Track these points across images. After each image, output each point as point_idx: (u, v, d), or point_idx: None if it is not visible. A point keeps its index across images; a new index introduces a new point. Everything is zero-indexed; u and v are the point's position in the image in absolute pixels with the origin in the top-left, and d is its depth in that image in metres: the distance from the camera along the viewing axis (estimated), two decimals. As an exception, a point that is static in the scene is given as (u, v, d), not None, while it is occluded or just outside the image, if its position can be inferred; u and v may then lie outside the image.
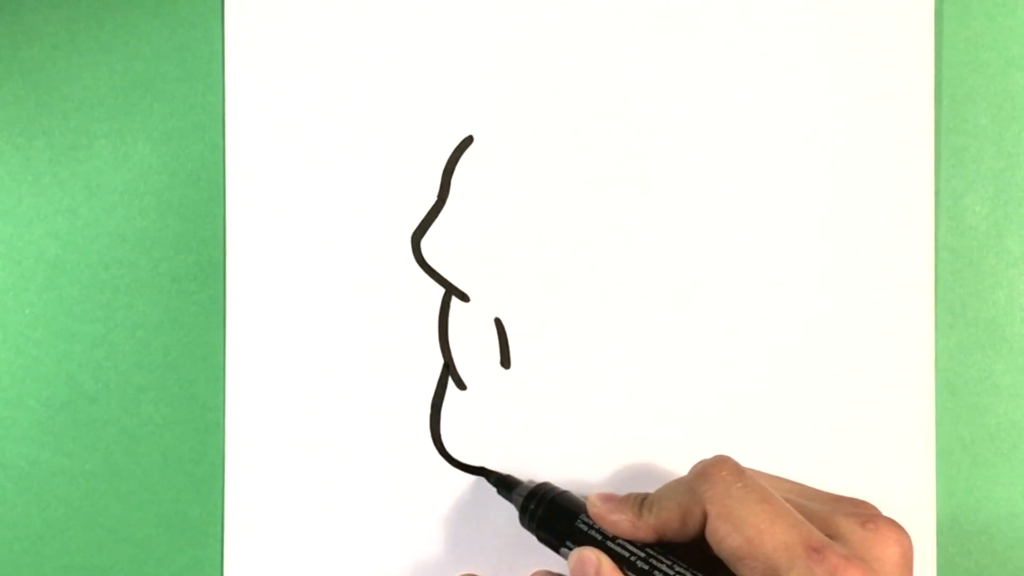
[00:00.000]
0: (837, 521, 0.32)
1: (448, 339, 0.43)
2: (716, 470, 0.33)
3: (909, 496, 0.42)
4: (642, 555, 0.35)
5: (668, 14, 0.43)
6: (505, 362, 0.43)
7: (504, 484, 0.41)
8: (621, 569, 0.35)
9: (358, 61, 0.44)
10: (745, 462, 0.39)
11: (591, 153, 0.43)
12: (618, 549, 0.36)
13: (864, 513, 0.32)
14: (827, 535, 0.31)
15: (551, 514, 0.39)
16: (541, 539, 0.39)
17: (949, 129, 0.43)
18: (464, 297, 0.44)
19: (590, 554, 0.35)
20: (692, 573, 0.33)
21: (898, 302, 0.43)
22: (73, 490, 0.44)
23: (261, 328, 0.43)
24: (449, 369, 0.43)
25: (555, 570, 0.43)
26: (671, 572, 0.34)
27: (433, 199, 0.44)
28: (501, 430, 0.43)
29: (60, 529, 0.44)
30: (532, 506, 0.39)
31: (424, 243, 0.44)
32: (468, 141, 0.44)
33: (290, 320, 0.43)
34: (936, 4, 0.43)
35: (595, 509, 0.36)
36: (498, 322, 0.43)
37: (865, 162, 0.43)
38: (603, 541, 0.36)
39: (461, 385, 0.43)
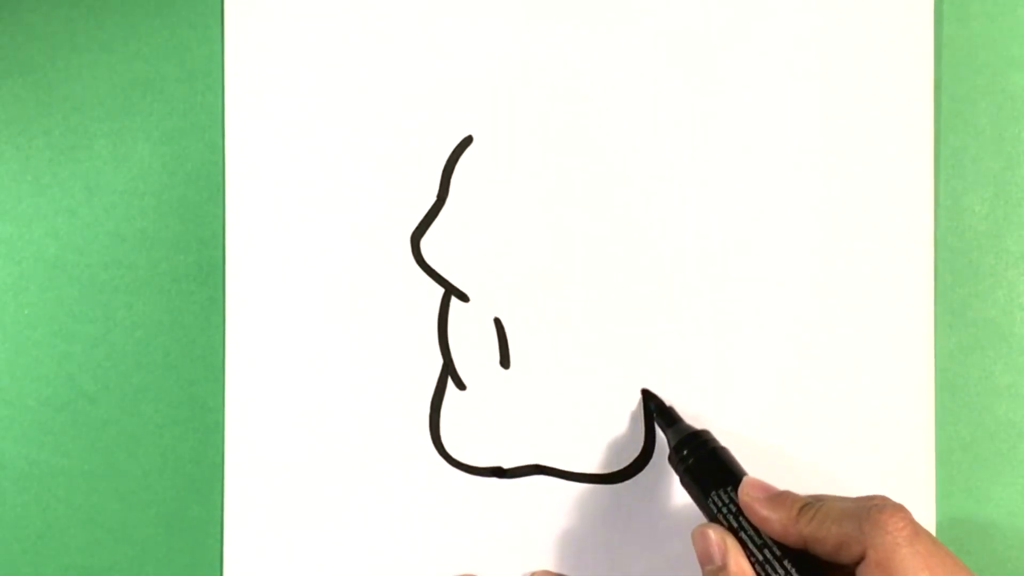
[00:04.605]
0: None
1: (448, 339, 0.43)
2: (888, 519, 0.33)
3: (909, 496, 0.42)
4: (760, 558, 0.35)
5: (668, 15, 0.43)
6: (505, 362, 0.43)
7: (664, 415, 0.41)
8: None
9: (358, 61, 0.44)
10: (745, 463, 0.39)
11: (591, 153, 0.43)
12: (747, 541, 0.36)
13: None
14: None
15: (703, 468, 0.38)
16: (683, 483, 0.39)
17: (949, 129, 0.43)
18: (464, 297, 0.44)
19: (718, 537, 0.36)
20: None
21: (898, 302, 0.43)
22: (73, 490, 0.44)
23: (261, 328, 0.43)
24: (449, 369, 0.43)
25: (555, 570, 0.43)
26: None
27: (433, 199, 0.44)
28: (501, 430, 0.43)
29: (60, 529, 0.44)
30: (686, 451, 0.39)
31: (424, 243, 0.44)
32: (468, 141, 0.44)
33: (290, 320, 0.43)
34: (936, 4, 0.43)
35: (747, 499, 0.36)
36: (498, 322, 0.43)
37: (865, 162, 0.43)
38: (737, 529, 0.36)
39: (461, 385, 0.43)
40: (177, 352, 0.44)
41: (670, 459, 0.40)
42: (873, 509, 0.33)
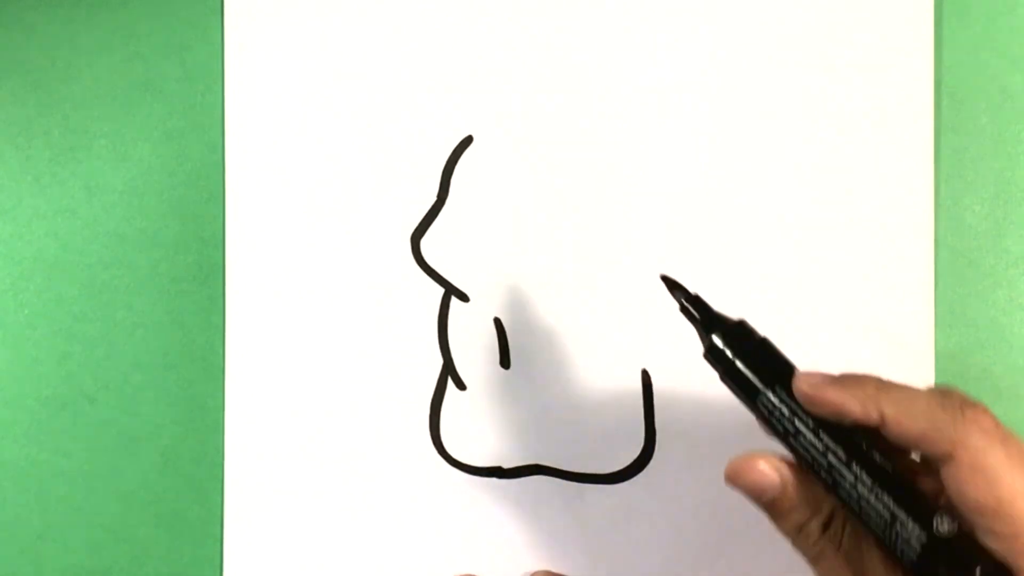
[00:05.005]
0: None
1: (448, 339, 0.43)
2: (979, 416, 0.30)
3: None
4: (824, 463, 0.30)
5: (669, 15, 0.43)
6: (504, 362, 0.43)
7: (695, 303, 0.34)
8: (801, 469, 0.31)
9: (358, 61, 0.44)
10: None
11: (591, 153, 0.43)
12: (807, 448, 0.31)
13: None
14: None
15: (749, 363, 0.32)
16: (724, 382, 0.33)
17: (949, 129, 0.43)
18: (464, 297, 0.44)
19: (771, 473, 0.32)
20: (879, 494, 0.30)
21: (898, 302, 0.43)
22: (73, 490, 0.44)
23: (260, 328, 0.43)
24: (449, 369, 0.43)
25: (555, 570, 0.43)
26: (854, 495, 0.30)
27: (433, 199, 0.44)
28: (501, 430, 0.43)
29: (60, 529, 0.44)
30: (722, 345, 0.33)
31: (424, 243, 0.44)
32: (468, 141, 0.44)
33: (289, 320, 0.43)
34: (936, 4, 0.43)
35: (808, 387, 0.31)
36: (498, 322, 0.43)
37: (865, 162, 0.43)
38: (794, 434, 0.31)
39: (461, 385, 0.43)
40: (177, 352, 0.44)
41: (707, 355, 0.34)
42: (966, 405, 0.30)
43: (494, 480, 0.43)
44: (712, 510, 0.43)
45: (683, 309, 0.34)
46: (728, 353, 0.33)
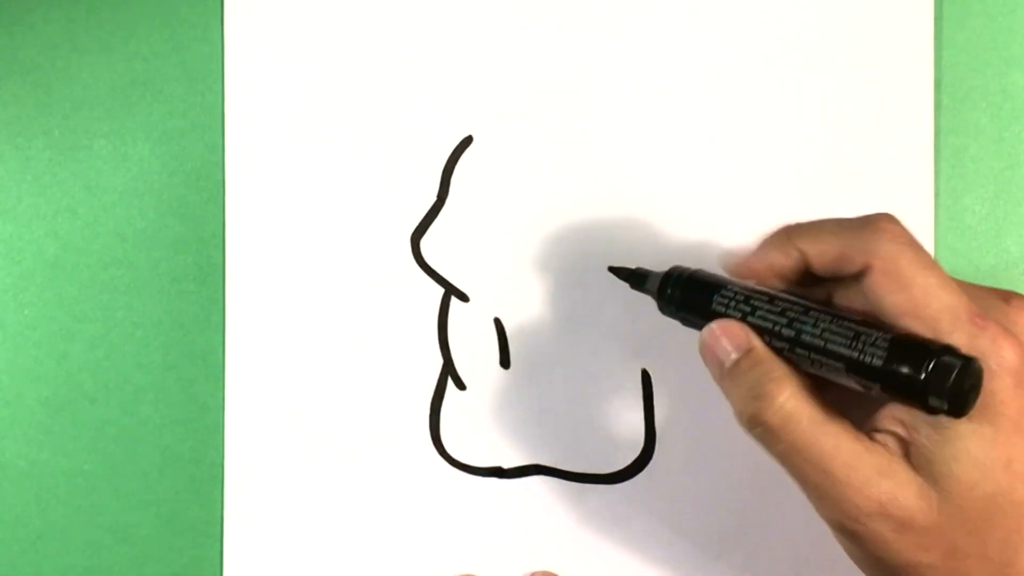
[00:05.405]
0: (982, 296, 0.32)
1: (448, 339, 0.43)
2: (888, 225, 0.31)
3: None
4: (784, 321, 0.32)
5: (668, 15, 0.43)
6: (504, 362, 0.43)
7: (636, 278, 0.38)
8: (764, 341, 0.32)
9: (358, 61, 0.44)
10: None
11: (591, 153, 0.43)
12: (759, 322, 0.32)
13: (1003, 292, 0.32)
14: None
15: (691, 293, 0.35)
16: (686, 322, 0.36)
17: (949, 129, 0.43)
18: (464, 297, 0.44)
19: (727, 325, 0.33)
20: (838, 322, 0.31)
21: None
22: (73, 490, 0.44)
23: (260, 328, 0.43)
24: (449, 369, 0.43)
25: (555, 570, 0.43)
26: (817, 331, 0.31)
27: (433, 199, 0.44)
28: (501, 430, 0.43)
29: (60, 529, 0.44)
30: (669, 290, 0.36)
31: (424, 243, 0.44)
32: (468, 141, 0.44)
33: (289, 320, 0.43)
34: (936, 4, 0.43)
35: (733, 263, 0.34)
36: (498, 322, 0.43)
37: (865, 162, 0.43)
38: (749, 313, 0.33)
39: (460, 385, 0.43)
40: (177, 352, 0.44)
41: (661, 310, 0.37)
42: (871, 217, 0.32)
43: (494, 480, 0.43)
44: (712, 510, 0.43)
45: (628, 278, 0.39)
46: (677, 295, 0.36)
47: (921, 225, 0.43)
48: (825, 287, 0.34)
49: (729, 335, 0.33)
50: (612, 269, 0.40)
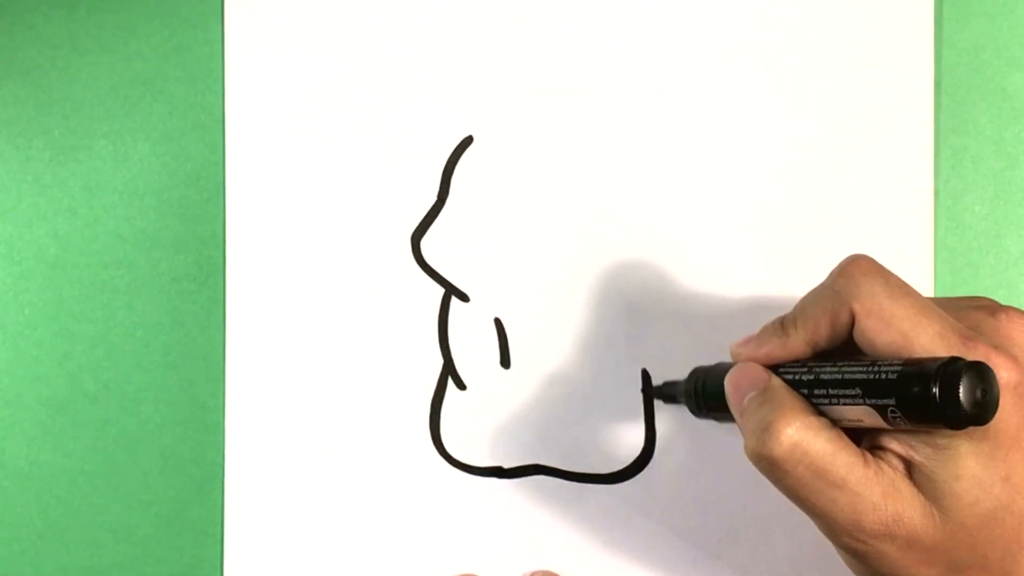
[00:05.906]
0: (968, 314, 0.31)
1: (448, 339, 0.43)
2: (856, 268, 0.31)
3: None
4: (804, 368, 0.32)
5: (668, 15, 0.43)
6: (505, 362, 0.43)
7: (666, 395, 0.41)
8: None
9: (358, 61, 0.44)
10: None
11: (591, 153, 0.43)
12: (782, 374, 0.33)
13: (989, 305, 0.32)
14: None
15: (715, 391, 0.36)
16: (723, 420, 0.37)
17: (949, 129, 0.43)
18: (464, 297, 0.44)
19: (755, 369, 0.33)
20: (856, 358, 0.31)
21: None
22: (73, 490, 0.44)
23: (261, 328, 0.43)
24: (449, 369, 0.43)
25: (555, 570, 0.43)
26: (835, 369, 0.31)
27: (433, 199, 0.44)
28: (501, 430, 0.43)
29: (60, 529, 0.44)
30: (695, 395, 0.38)
31: (424, 243, 0.44)
32: (468, 141, 0.44)
33: (290, 320, 0.43)
34: (936, 4, 0.43)
35: (738, 354, 0.35)
36: (498, 322, 0.43)
37: (865, 162, 0.43)
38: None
39: (461, 385, 0.43)
40: (177, 352, 0.44)
41: (695, 414, 0.38)
42: (839, 266, 0.32)
43: (494, 480, 0.43)
44: (712, 510, 0.43)
45: (664, 400, 0.42)
46: (701, 396, 0.37)
47: (921, 225, 0.43)
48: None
49: (749, 376, 0.33)
50: (646, 392, 0.43)
